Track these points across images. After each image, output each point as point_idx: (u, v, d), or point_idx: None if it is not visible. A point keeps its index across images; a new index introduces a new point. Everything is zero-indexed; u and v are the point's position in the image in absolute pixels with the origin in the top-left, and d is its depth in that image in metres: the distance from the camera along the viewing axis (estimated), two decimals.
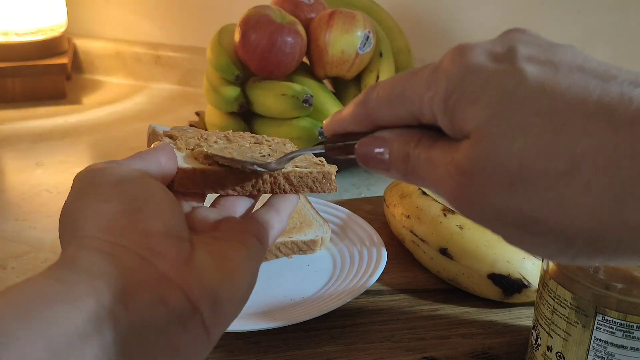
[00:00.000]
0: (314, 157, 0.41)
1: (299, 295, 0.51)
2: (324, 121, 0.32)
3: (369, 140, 0.28)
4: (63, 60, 1.09)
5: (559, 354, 0.38)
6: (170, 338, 0.26)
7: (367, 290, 0.49)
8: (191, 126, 0.43)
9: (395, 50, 0.82)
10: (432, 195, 0.59)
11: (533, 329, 0.41)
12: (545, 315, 0.39)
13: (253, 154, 0.39)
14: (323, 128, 0.34)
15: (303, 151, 0.35)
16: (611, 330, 0.35)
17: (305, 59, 0.78)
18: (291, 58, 0.74)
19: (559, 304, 0.37)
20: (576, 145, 0.21)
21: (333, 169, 0.39)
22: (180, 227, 0.30)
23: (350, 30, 0.74)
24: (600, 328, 0.35)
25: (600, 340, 0.35)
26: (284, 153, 0.40)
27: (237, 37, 0.75)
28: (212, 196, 0.38)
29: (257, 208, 0.37)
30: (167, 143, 0.37)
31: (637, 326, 0.34)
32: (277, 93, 0.74)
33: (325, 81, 0.81)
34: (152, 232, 0.28)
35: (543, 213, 0.21)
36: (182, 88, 1.16)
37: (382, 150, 0.27)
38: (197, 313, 0.27)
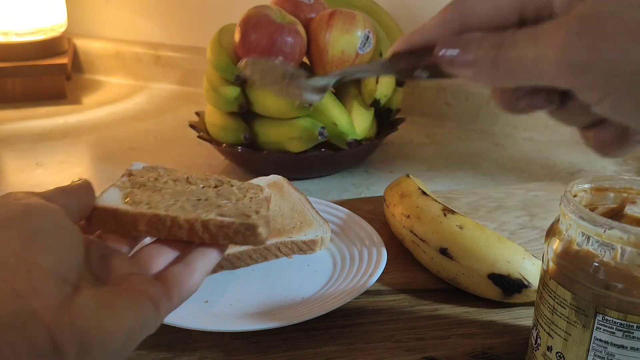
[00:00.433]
0: (250, 206, 0.38)
1: (299, 295, 0.51)
2: (392, 47, 0.31)
3: (453, 40, 0.28)
4: (63, 60, 1.09)
5: (559, 354, 0.38)
6: None
7: (367, 290, 0.49)
8: (167, 168, 0.43)
9: None
10: (432, 195, 0.59)
11: (533, 329, 0.41)
12: (545, 315, 0.39)
13: (189, 197, 0.38)
14: (393, 49, 0.32)
15: (359, 67, 0.34)
16: (611, 330, 0.35)
17: (305, 59, 0.78)
18: (291, 58, 0.74)
19: (559, 304, 0.37)
20: None
21: (261, 221, 0.36)
22: (71, 268, 0.30)
23: (350, 30, 0.74)
24: (600, 328, 0.35)
25: (600, 340, 0.35)
26: (244, 200, 0.39)
27: (237, 37, 0.75)
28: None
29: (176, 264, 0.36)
30: (87, 180, 0.36)
31: (637, 326, 0.34)
32: None
33: None
34: (40, 268, 0.28)
35: None
36: (182, 88, 1.16)
37: (470, 47, 0.28)
38: (60, 354, 0.27)
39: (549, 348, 0.39)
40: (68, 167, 0.83)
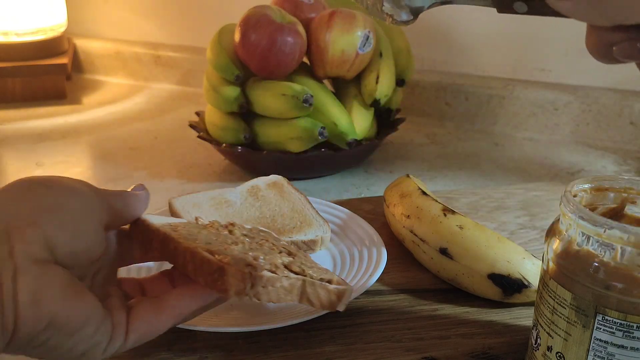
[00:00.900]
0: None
1: None
2: None
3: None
4: (63, 60, 1.09)
5: (559, 354, 0.38)
6: None
7: (367, 290, 0.49)
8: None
9: (395, 50, 0.82)
10: (432, 195, 0.59)
11: (533, 329, 0.41)
12: (545, 315, 0.39)
13: (219, 238, 0.39)
14: None
15: None
16: (611, 330, 0.35)
17: (305, 59, 0.78)
18: (291, 58, 0.74)
19: (559, 304, 0.37)
20: None
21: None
22: (73, 252, 0.31)
23: (350, 30, 0.75)
24: (600, 328, 0.35)
25: (600, 340, 0.35)
26: (259, 242, 0.40)
27: (237, 37, 0.75)
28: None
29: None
30: (148, 194, 0.37)
31: (637, 326, 0.34)
32: (277, 93, 0.74)
33: (325, 81, 0.81)
34: (44, 231, 0.30)
35: None
36: (182, 88, 1.16)
37: None
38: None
39: (549, 348, 0.39)
40: (68, 167, 0.83)
